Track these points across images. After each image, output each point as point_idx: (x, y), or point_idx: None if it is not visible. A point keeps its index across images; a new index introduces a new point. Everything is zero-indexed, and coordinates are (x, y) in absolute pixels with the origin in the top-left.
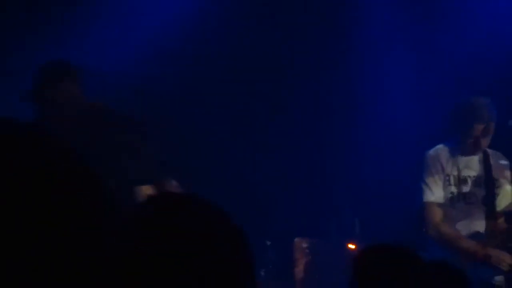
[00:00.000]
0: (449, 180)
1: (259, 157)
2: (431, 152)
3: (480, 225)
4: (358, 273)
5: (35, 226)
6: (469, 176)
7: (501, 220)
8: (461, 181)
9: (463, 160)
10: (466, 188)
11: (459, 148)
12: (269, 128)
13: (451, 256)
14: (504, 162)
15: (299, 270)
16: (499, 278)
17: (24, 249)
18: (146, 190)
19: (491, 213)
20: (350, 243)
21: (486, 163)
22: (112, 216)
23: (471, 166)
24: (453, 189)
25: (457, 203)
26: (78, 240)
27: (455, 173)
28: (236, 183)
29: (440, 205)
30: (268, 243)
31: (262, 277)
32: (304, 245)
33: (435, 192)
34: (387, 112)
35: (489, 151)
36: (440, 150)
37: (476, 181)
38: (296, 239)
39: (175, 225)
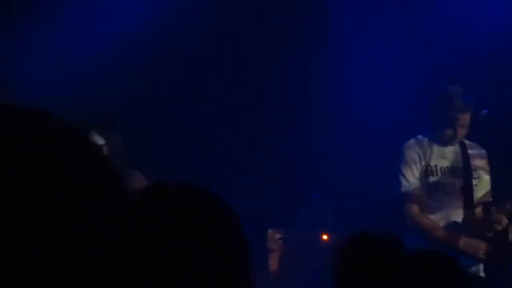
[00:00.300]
0: (426, 171)
1: (228, 146)
2: (409, 143)
3: (458, 215)
4: (342, 263)
5: (35, 225)
6: (447, 167)
7: (478, 210)
8: (438, 171)
9: (440, 150)
10: (443, 179)
11: (436, 138)
12: (241, 117)
13: (430, 245)
14: (481, 152)
15: (273, 261)
16: (476, 267)
17: (23, 249)
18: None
19: (468, 203)
20: (324, 233)
21: (463, 154)
22: (114, 212)
23: (448, 156)
24: (431, 179)
25: (434, 193)
26: (78, 239)
27: (432, 163)
28: (204, 173)
29: (417, 195)
30: None
31: None
32: (278, 236)
33: (412, 183)
34: (364, 100)
35: (467, 142)
36: (417, 140)
37: (454, 172)
38: (269, 230)
39: (177, 220)
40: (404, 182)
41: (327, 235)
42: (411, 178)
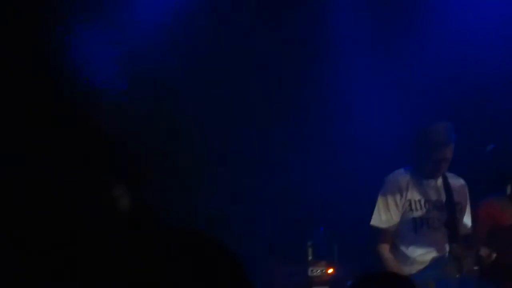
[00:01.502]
0: (410, 205)
1: (236, 182)
2: (390, 176)
3: (444, 249)
4: None
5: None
6: (430, 200)
7: (463, 244)
8: (422, 206)
9: (424, 184)
10: (428, 213)
11: (420, 172)
12: (247, 154)
13: None
14: (462, 184)
15: None
16: None
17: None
18: None
19: (453, 237)
20: (330, 267)
21: (446, 187)
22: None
23: (433, 190)
24: (415, 214)
25: (420, 228)
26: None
27: (416, 198)
28: (212, 211)
29: (386, 230)
30: None
31: None
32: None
33: (383, 216)
34: (368, 133)
35: (448, 174)
36: (400, 174)
37: (438, 205)
38: None
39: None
40: (375, 215)
41: (333, 269)
42: (383, 211)
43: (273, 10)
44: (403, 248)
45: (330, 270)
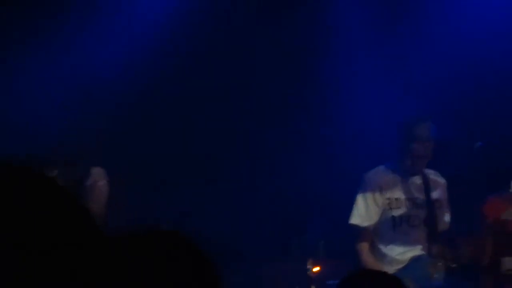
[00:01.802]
0: (389, 204)
1: (232, 172)
2: (369, 174)
3: (423, 247)
4: None
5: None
6: (410, 198)
7: (443, 241)
8: (402, 204)
9: (403, 182)
10: (408, 211)
11: (399, 169)
12: (237, 156)
13: None
14: (442, 181)
15: None
16: None
17: None
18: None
19: (432, 235)
20: (316, 265)
21: (425, 184)
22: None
23: (412, 188)
24: (394, 212)
25: (399, 226)
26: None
27: (396, 196)
28: (203, 209)
29: (364, 228)
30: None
31: None
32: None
33: (362, 215)
34: (352, 133)
35: (428, 171)
36: (380, 172)
37: (418, 203)
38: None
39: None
40: (353, 213)
41: (319, 267)
42: (362, 209)
43: (273, 10)
44: (381, 247)
45: (316, 268)
